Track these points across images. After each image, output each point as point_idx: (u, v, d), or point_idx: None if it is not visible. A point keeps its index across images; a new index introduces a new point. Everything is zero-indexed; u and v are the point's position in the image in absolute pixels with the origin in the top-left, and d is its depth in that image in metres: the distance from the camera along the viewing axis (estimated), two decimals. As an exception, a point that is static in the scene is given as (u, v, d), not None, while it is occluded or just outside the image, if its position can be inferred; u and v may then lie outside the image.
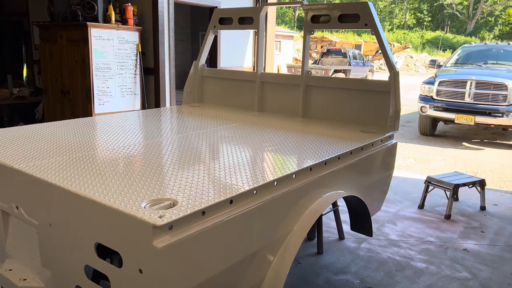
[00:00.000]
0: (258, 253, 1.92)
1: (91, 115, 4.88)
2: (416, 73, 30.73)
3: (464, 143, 8.18)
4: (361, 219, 2.84)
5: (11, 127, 2.77)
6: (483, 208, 4.41)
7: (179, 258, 1.49)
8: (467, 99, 7.82)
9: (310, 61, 27.36)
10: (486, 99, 7.69)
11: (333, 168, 2.34)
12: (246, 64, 6.65)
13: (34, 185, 1.85)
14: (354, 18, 3.09)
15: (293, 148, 2.43)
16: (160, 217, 1.44)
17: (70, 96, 5.13)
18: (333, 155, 2.33)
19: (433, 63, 9.87)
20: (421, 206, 4.42)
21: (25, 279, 2.03)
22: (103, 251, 1.67)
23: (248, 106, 3.84)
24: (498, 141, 8.47)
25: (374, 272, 3.09)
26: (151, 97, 5.47)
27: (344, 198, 2.64)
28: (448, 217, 4.15)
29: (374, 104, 3.12)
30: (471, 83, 7.77)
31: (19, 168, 1.91)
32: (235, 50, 6.58)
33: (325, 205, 2.20)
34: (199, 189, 1.72)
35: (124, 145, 2.38)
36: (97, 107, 4.91)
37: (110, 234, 1.55)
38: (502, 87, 7.56)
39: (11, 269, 2.11)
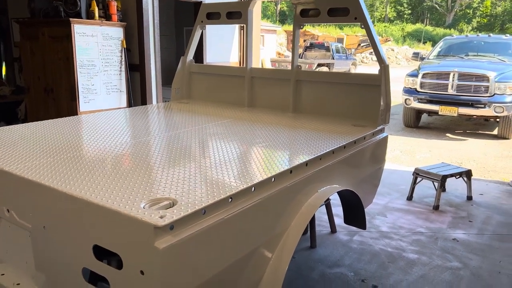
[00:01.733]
0: (257, 250, 1.91)
1: (76, 114, 4.79)
2: (398, 66, 31.05)
3: (447, 134, 8.31)
4: (354, 212, 2.86)
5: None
6: (469, 198, 4.49)
7: (181, 259, 1.47)
8: (450, 91, 7.94)
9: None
10: (469, 91, 7.82)
11: (328, 163, 2.34)
12: (232, 59, 6.61)
13: (26, 187, 1.80)
14: (344, 12, 3.09)
15: (287, 144, 2.42)
16: (161, 217, 1.42)
17: (54, 94, 5.02)
18: (328, 150, 2.34)
19: (416, 55, 9.98)
20: (410, 198, 4.47)
21: (19, 284, 1.98)
22: (100, 253, 1.63)
23: (237, 101, 3.81)
24: (480, 132, 8.63)
25: (367, 265, 3.12)
26: (137, 94, 5.40)
27: (338, 192, 2.65)
28: (436, 207, 4.21)
29: (365, 98, 3.14)
30: (453, 75, 7.89)
31: (9, 170, 1.86)
32: (221, 45, 6.53)
33: (321, 200, 2.21)
34: (197, 188, 1.70)
35: (115, 144, 2.34)
36: (83, 105, 4.82)
37: (109, 236, 1.52)
38: (484, 78, 7.69)
39: (3, 274, 2.05)
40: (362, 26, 3.04)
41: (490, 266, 3.14)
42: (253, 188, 1.80)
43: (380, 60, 2.97)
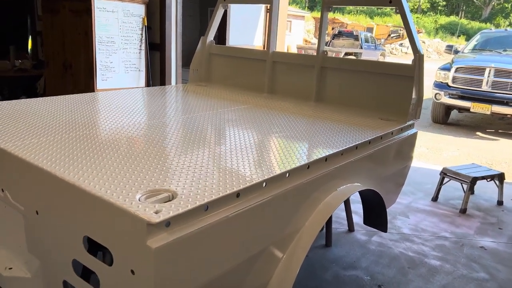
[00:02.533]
0: (266, 250, 1.74)
1: (93, 91, 4.68)
2: (428, 59, 30.10)
3: (478, 133, 7.92)
4: (375, 213, 2.64)
5: (5, 101, 2.58)
6: (500, 203, 4.21)
7: (176, 259, 1.30)
8: (485, 87, 7.52)
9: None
10: (505, 88, 7.39)
11: (350, 159, 2.13)
12: (256, 43, 6.39)
13: (20, 167, 1.66)
14: (378, -6, 2.83)
15: (306, 136, 2.22)
16: (156, 212, 1.25)
17: (72, 70, 4.93)
18: (351, 145, 2.13)
19: (449, 48, 9.51)
20: (435, 199, 4.21)
21: (11, 268, 1.86)
22: (95, 244, 1.48)
23: (257, 87, 3.61)
24: (513, 132, 8.20)
25: (385, 269, 2.92)
26: (156, 74, 5.25)
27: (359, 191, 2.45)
28: (463, 211, 3.95)
29: (394, 90, 2.89)
30: (490, 70, 7.46)
31: (4, 148, 1.73)
32: (245, 27, 6.31)
33: (341, 199, 2.01)
34: (202, 179, 1.53)
35: (123, 126, 2.19)
36: (100, 83, 4.71)
37: (100, 228, 1.37)
38: (522, 76, 7.25)
39: (-4, 256, 1.95)
40: (397, 11, 2.78)
41: (521, 280, 2.89)
42: (264, 183, 1.62)
43: (415, 49, 2.72)
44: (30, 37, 7.47)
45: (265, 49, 3.62)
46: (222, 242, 1.47)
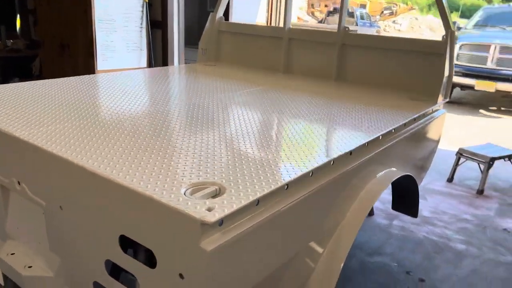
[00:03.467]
0: (309, 244, 1.61)
1: (93, 72, 4.46)
2: (422, 36, 29.91)
3: (481, 111, 7.84)
4: (407, 198, 2.53)
5: (5, 84, 2.38)
6: (516, 183, 4.14)
7: (229, 262, 1.17)
8: (489, 65, 7.40)
9: (314, 21, 26.41)
10: (510, 65, 7.27)
11: (388, 143, 2.00)
12: (259, 19, 6.16)
13: (39, 158, 1.50)
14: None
15: (339, 120, 2.07)
16: (209, 210, 1.11)
17: (70, 50, 4.69)
18: (389, 129, 1.99)
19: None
20: (450, 180, 4.13)
21: (31, 266, 1.71)
22: (126, 240, 1.34)
23: (272, 66, 3.43)
24: (515, 110, 8.14)
25: (411, 254, 2.83)
26: (158, 53, 5.03)
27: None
28: (481, 192, 3.87)
29: (422, 68, 2.74)
30: (495, 47, 7.33)
31: (19, 136, 1.56)
32: (247, 4, 6.07)
33: (383, 186, 1.88)
34: (246, 171, 1.38)
35: (145, 112, 2.02)
36: (100, 63, 4.49)
37: (141, 227, 1.22)
38: (528, 52, 7.13)
39: (13, 253, 1.79)
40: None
41: (549, 263, 2.82)
42: (311, 173, 1.47)
43: (447, 24, 2.56)
44: (18, 15, 7.13)
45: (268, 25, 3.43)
46: (273, 239, 1.34)
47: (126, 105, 2.11)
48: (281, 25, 3.47)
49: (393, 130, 2.05)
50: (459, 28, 8.98)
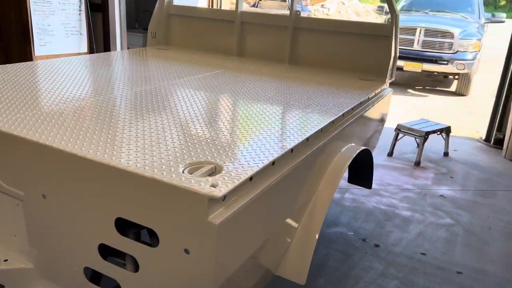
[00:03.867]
0: (292, 215, 1.73)
1: (31, 58, 4.20)
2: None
3: (409, 90, 8.42)
4: (362, 171, 2.73)
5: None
6: (446, 154, 4.56)
7: (232, 234, 1.24)
8: (416, 47, 7.96)
9: (246, 5, 26.38)
10: (433, 47, 7.87)
11: (348, 121, 2.15)
12: (201, 3, 6.11)
13: (15, 146, 1.45)
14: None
15: (303, 101, 2.19)
16: (213, 186, 1.17)
17: (1, 36, 4.36)
18: (350, 107, 2.14)
19: (381, 9, 9.85)
20: (391, 154, 4.46)
21: (6, 260, 1.66)
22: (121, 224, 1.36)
23: (224, 50, 3.47)
24: (438, 88, 8.83)
25: (364, 223, 3.06)
26: (99, 38, 4.84)
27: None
28: (418, 164, 4.23)
29: (371, 49, 2.93)
30: (420, 30, 7.88)
31: (-9, 126, 1.49)
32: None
33: (348, 159, 2.04)
34: (235, 151, 1.44)
35: (116, 96, 1.99)
36: (38, 48, 4.23)
37: (140, 209, 1.25)
38: (449, 35, 7.76)
39: (-17, 249, 1.72)
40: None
41: (480, 222, 3.19)
42: (291, 150, 1.57)
43: (392, 9, 2.76)
44: None
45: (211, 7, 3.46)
46: (264, 211, 1.43)
47: (94, 89, 2.06)
48: (224, 8, 3.51)
49: (352, 109, 2.21)
50: (387, 13, 9.50)
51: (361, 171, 2.73)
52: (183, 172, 1.25)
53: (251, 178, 1.32)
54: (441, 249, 2.80)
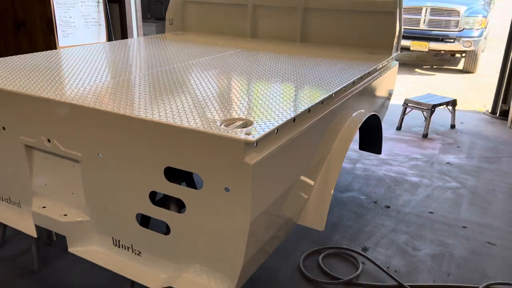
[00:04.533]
0: (312, 167, 1.97)
1: (55, 49, 4.46)
2: None
3: (417, 70, 8.56)
4: (371, 138, 2.95)
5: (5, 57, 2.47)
6: (453, 126, 4.75)
7: (265, 173, 1.48)
8: (422, 26, 8.08)
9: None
10: (440, 26, 7.99)
11: (359, 88, 2.37)
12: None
13: (76, 114, 1.70)
14: None
15: (317, 71, 2.41)
16: (248, 134, 1.41)
17: (26, 28, 4.62)
18: (359, 75, 2.35)
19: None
20: (399, 128, 4.66)
21: (66, 215, 1.93)
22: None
23: (237, 32, 3.69)
24: (446, 67, 8.95)
25: (375, 188, 3.29)
26: (117, 28, 5.08)
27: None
28: (425, 136, 4.43)
29: (376, 25, 3.13)
30: (426, 9, 8.00)
31: (49, 97, 1.74)
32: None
33: (359, 122, 2.26)
34: (262, 109, 1.68)
35: (153, 71, 2.24)
36: (62, 40, 4.49)
37: (185, 157, 1.49)
38: (455, 13, 7.86)
39: (44, 207, 1.99)
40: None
41: (485, 184, 3.40)
42: (309, 110, 1.81)
43: (396, -15, 2.95)
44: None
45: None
46: (288, 160, 1.67)
47: (133, 67, 2.32)
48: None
49: (361, 78, 2.43)
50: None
51: (371, 138, 2.95)
52: (220, 125, 1.49)
53: (276, 131, 1.55)
54: (448, 208, 3.02)
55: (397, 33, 3.02)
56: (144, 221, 1.97)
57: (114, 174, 1.70)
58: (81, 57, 2.54)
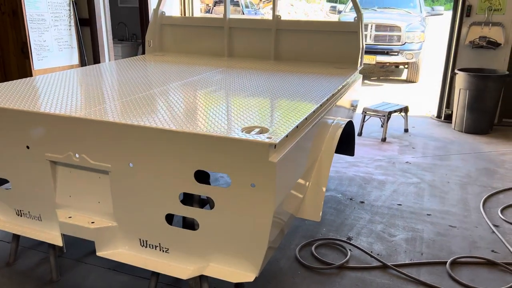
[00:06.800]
0: (306, 168, 2.30)
1: (30, 72, 4.54)
2: (300, 20, 31.99)
3: (365, 81, 9.24)
4: (345, 142, 3.34)
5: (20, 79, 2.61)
6: (406, 130, 5.30)
7: (282, 170, 1.79)
8: (369, 41, 8.78)
9: (203, 11, 26.80)
10: (384, 40, 8.72)
11: (336, 99, 2.75)
12: (174, 12, 6.57)
13: (104, 130, 1.92)
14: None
15: (297, 87, 2.77)
16: (268, 138, 1.71)
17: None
18: (337, 88, 2.74)
19: (333, 8, 10.68)
20: (360, 134, 5.14)
21: (93, 222, 2.12)
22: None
23: (214, 52, 4.00)
24: (391, 78, 9.73)
25: (349, 187, 3.68)
26: (89, 50, 5.22)
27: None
28: (384, 139, 4.93)
29: (342, 44, 3.56)
30: (371, 25, 8.71)
31: (80, 116, 1.95)
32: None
33: (340, 128, 2.63)
34: (271, 119, 2.00)
35: (164, 89, 2.50)
36: (37, 63, 4.57)
37: (214, 160, 1.77)
38: (397, 28, 8.63)
39: (70, 217, 2.16)
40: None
41: (440, 178, 3.90)
42: (306, 118, 2.14)
43: (357, 9, 3.40)
44: None
45: (183, 15, 3.99)
46: (296, 159, 1.99)
47: (139, 89, 2.56)
48: (195, 11, 4.03)
49: (338, 90, 2.81)
50: (339, 12, 10.33)
51: (344, 142, 3.34)
52: (242, 132, 1.79)
53: (287, 135, 1.88)
54: (413, 200, 3.46)
55: (360, 50, 3.46)
56: (168, 220, 2.20)
57: (145, 181, 1.94)
58: (90, 78, 2.74)
